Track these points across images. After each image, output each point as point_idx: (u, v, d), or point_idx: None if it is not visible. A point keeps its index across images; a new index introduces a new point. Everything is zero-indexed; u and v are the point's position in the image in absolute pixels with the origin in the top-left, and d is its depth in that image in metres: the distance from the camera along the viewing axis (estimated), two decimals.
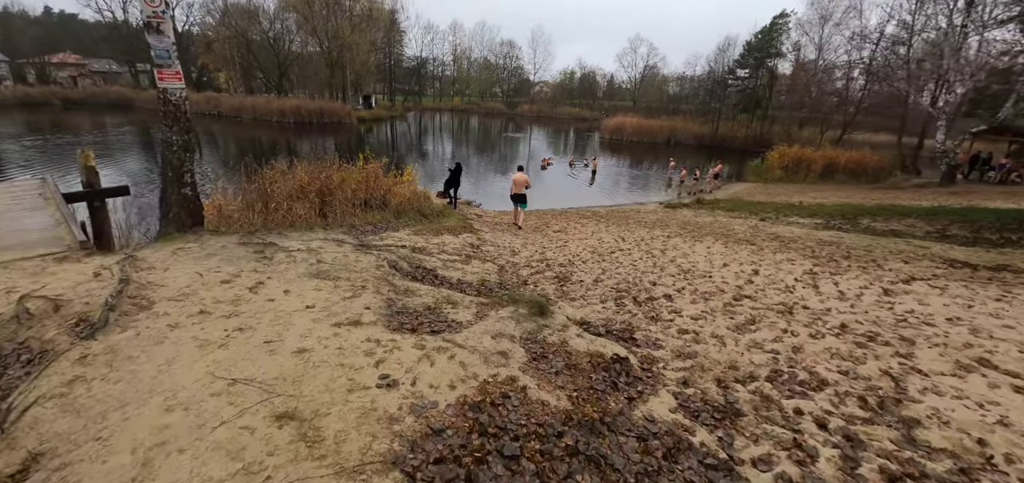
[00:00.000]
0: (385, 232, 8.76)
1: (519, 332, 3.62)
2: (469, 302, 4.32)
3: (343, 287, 4.24)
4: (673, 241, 10.20)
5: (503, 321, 3.73)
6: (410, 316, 3.76)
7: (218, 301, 3.65)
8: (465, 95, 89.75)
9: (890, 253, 9.20)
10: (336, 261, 5.08)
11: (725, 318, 5.26)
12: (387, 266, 5.24)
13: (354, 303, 3.81)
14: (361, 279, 4.55)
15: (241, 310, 3.50)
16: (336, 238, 6.90)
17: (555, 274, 6.89)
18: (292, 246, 5.61)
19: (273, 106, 44.36)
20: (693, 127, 50.10)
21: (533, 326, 3.77)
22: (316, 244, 5.93)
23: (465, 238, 9.15)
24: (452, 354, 2.98)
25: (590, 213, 15.96)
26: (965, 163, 23.49)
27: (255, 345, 2.92)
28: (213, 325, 3.22)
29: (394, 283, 4.61)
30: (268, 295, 3.87)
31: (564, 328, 3.93)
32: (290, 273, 4.50)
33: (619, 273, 7.18)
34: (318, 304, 3.73)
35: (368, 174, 11.61)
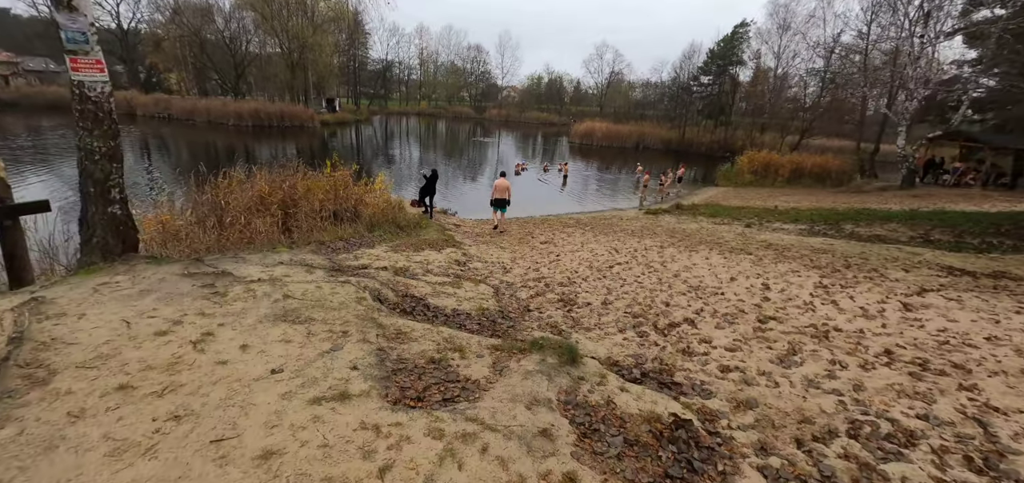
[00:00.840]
0: (359, 249, 7.77)
1: (553, 392, 2.84)
2: (478, 346, 3.50)
3: (319, 334, 3.32)
4: (668, 251, 9.67)
5: (532, 378, 2.93)
6: (411, 375, 2.91)
7: (148, 366, 2.68)
8: (432, 99, 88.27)
9: (886, 261, 8.99)
10: (307, 295, 4.14)
11: (762, 347, 4.66)
12: (370, 298, 4.33)
13: (336, 360, 2.92)
14: (341, 320, 3.64)
15: (181, 381, 2.55)
16: (304, 260, 5.90)
17: (558, 297, 6.14)
18: (251, 274, 4.61)
19: (230, 109, 41.76)
20: (661, 132, 50.84)
21: (567, 381, 3.00)
22: (281, 270, 4.94)
23: (449, 254, 8.27)
24: (483, 444, 2.16)
25: (572, 221, 15.36)
26: (921, 167, 24.47)
27: (198, 447, 2.00)
28: (137, 411, 2.26)
29: (382, 323, 3.72)
30: (219, 353, 2.91)
31: (601, 379, 3.17)
32: (249, 315, 3.54)
33: (626, 292, 6.51)
34: (289, 364, 2.81)
35: (336, 182, 10.54)
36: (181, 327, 3.23)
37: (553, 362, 3.19)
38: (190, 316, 3.43)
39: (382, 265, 6.54)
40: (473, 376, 2.98)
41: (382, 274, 5.77)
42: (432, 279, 6.16)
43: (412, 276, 6.13)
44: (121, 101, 45.03)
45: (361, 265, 6.44)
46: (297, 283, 4.41)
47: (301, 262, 5.75)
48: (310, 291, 4.23)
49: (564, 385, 2.94)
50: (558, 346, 3.36)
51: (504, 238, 11.41)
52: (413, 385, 2.75)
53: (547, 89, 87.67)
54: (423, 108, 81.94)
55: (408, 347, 3.34)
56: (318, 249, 7.26)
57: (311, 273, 5.01)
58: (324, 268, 5.62)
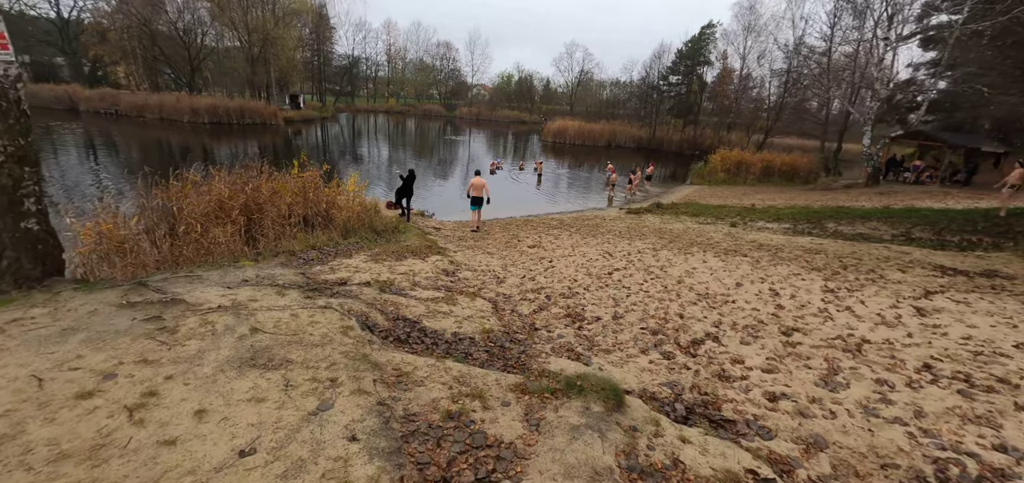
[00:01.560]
0: (335, 259, 6.97)
1: (611, 455, 2.24)
2: (498, 387, 2.87)
3: (301, 385, 2.61)
4: (663, 254, 9.28)
5: (581, 438, 2.33)
6: (426, 441, 2.25)
7: (62, 453, 1.92)
8: (401, 97, 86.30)
9: (880, 261, 8.90)
10: (281, 326, 3.39)
11: (799, 367, 4.23)
12: (358, 326, 3.62)
13: (327, 427, 2.22)
14: (326, 361, 2.93)
15: (108, 475, 1.81)
16: (273, 277, 5.09)
17: (564, 311, 5.57)
18: (210, 299, 3.81)
19: (184, 105, 39.13)
20: (632, 131, 51.25)
21: (621, 437, 2.42)
22: (246, 292, 4.14)
23: (435, 262, 7.57)
24: None
25: (555, 221, 14.86)
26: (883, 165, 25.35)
27: None
28: None
29: (376, 361, 3.04)
30: (166, 424, 2.17)
31: (656, 428, 2.61)
32: (207, 361, 2.78)
33: (635, 303, 6.01)
34: (263, 439, 2.10)
35: (305, 184, 9.65)
36: (114, 384, 2.45)
37: (599, 410, 2.60)
38: (127, 365, 2.64)
39: (364, 279, 5.79)
40: (505, 436, 2.35)
41: (366, 292, 5.04)
42: (423, 295, 5.46)
43: (400, 292, 5.41)
44: (62, 95, 41.66)
45: (340, 280, 5.67)
46: (267, 311, 3.64)
47: (270, 280, 4.94)
48: (284, 321, 3.47)
49: (619, 443, 2.35)
50: (599, 387, 2.77)
51: (489, 241, 10.77)
52: (434, 459, 2.09)
53: (517, 87, 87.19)
54: (392, 106, 79.90)
55: (415, 395, 2.67)
56: (288, 261, 6.42)
57: (283, 294, 4.23)
58: (298, 286, 4.83)
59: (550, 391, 2.81)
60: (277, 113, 43.64)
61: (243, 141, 32.90)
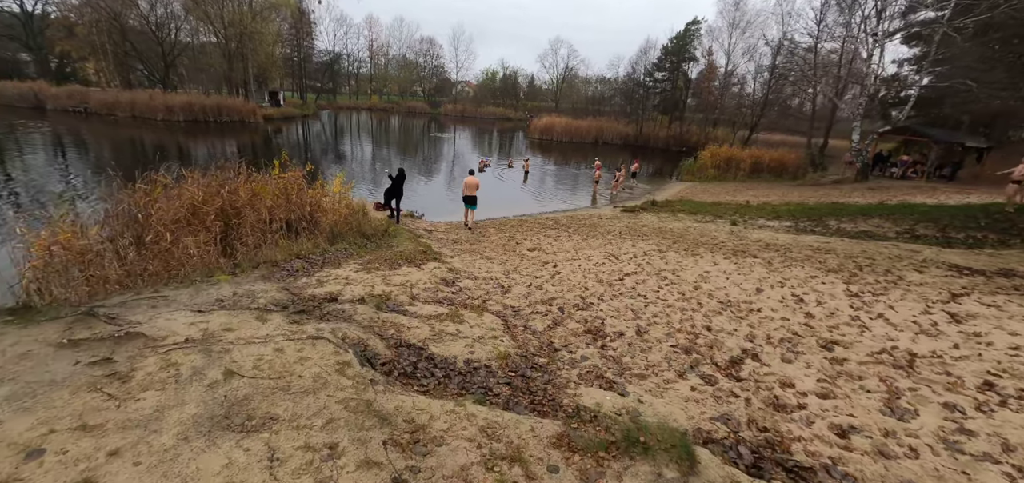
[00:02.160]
0: (322, 270, 6.31)
1: None
2: (537, 444, 2.33)
3: (291, 457, 2.02)
4: (671, 256, 8.83)
5: None
6: None
7: None
8: (384, 94, 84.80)
9: (893, 260, 8.60)
10: (263, 365, 2.78)
11: (855, 390, 3.78)
12: (356, 361, 3.03)
13: None
14: (321, 416, 2.34)
15: None
16: (253, 295, 4.44)
17: (581, 326, 5.04)
18: (175, 330, 3.17)
19: (158, 102, 37.40)
20: (619, 127, 51.10)
21: None
22: (220, 318, 3.51)
23: (433, 270, 6.97)
24: None
25: (550, 221, 14.34)
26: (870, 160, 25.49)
27: None
28: None
29: (383, 409, 2.46)
30: None
31: None
32: (167, 425, 2.17)
33: (656, 314, 5.52)
34: None
35: (287, 185, 8.93)
36: (38, 468, 1.83)
37: (672, 477, 2.07)
38: (61, 435, 2.02)
39: (357, 294, 5.17)
40: None
41: (360, 310, 4.43)
42: (424, 311, 4.87)
43: (399, 309, 4.81)
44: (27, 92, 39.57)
45: (329, 295, 5.04)
46: (246, 345, 3.02)
47: (249, 299, 4.30)
48: (267, 358, 2.86)
49: None
50: (664, 440, 2.25)
51: (486, 244, 10.19)
52: None
53: (502, 84, 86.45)
54: (374, 103, 78.33)
55: (437, 462, 2.10)
56: (270, 273, 5.75)
57: (265, 319, 3.60)
58: (281, 306, 4.20)
59: (603, 447, 2.27)
60: (256, 110, 42.17)
61: (221, 140, 31.61)
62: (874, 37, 21.76)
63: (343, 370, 2.84)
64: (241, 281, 5.19)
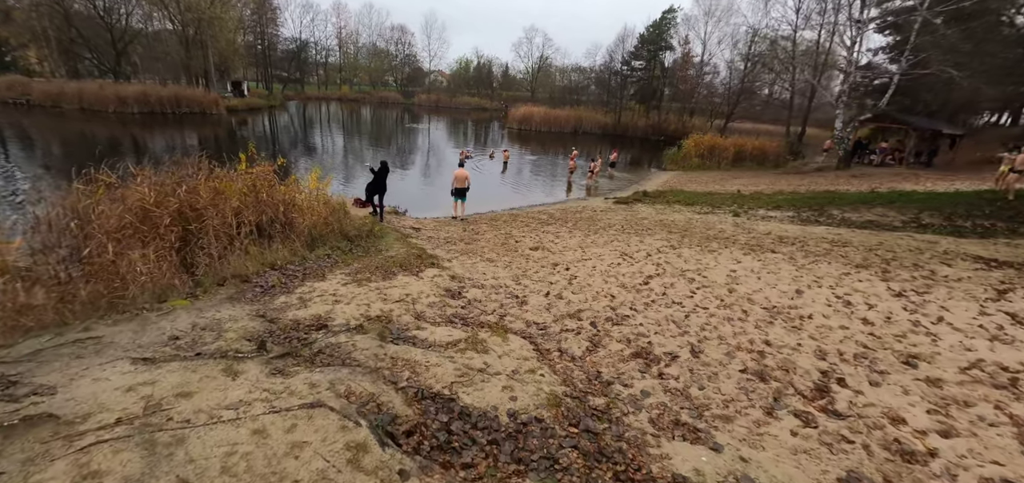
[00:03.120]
0: (304, 283, 5.30)
1: None
2: None
3: None
4: (686, 253, 8.15)
5: None
6: None
7: None
8: (354, 83, 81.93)
9: (916, 253, 8.18)
10: (236, 465, 1.84)
11: (978, 424, 3.12)
12: (373, 439, 2.13)
13: None
14: None
15: None
16: (219, 328, 3.44)
17: (624, 345, 4.25)
18: (103, 404, 2.18)
19: (108, 93, 34.51)
20: (598, 117, 50.66)
21: None
22: (173, 375, 2.52)
23: (432, 278, 6.04)
24: None
25: (544, 214, 13.51)
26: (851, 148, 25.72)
27: None
28: None
29: None
30: None
31: None
32: None
33: (703, 327, 4.78)
34: None
35: (256, 182, 7.81)
36: None
37: None
38: None
39: (351, 317, 4.21)
40: None
41: (360, 344, 3.49)
42: (437, 336, 3.97)
43: (406, 337, 3.89)
44: None
45: (316, 320, 4.07)
46: (210, 426, 2.06)
47: (212, 333, 3.30)
48: (242, 449, 1.92)
49: None
50: None
51: (482, 243, 9.28)
52: None
53: (476, 73, 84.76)
54: (345, 93, 75.52)
55: None
56: (240, 292, 4.72)
57: (236, 372, 2.64)
58: (258, 344, 3.22)
59: None
60: (218, 101, 39.64)
61: (180, 133, 29.40)
62: (858, 23, 21.72)
63: (358, 459, 1.94)
64: (203, 305, 4.16)
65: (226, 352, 2.93)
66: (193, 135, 28.79)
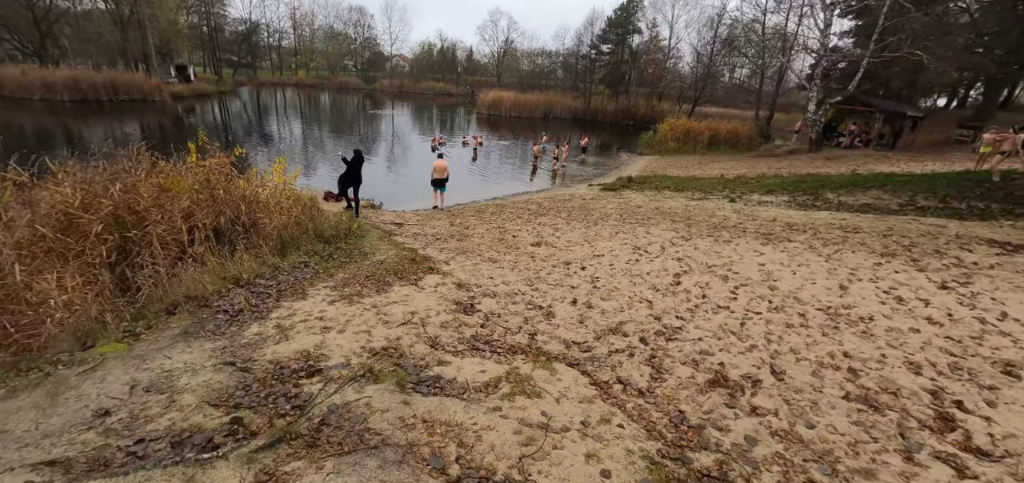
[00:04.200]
0: (279, 303, 4.25)
1: None
2: None
3: None
4: (703, 245, 7.52)
5: None
6: None
7: None
8: (311, 68, 77.90)
9: (927, 237, 7.90)
10: None
11: None
12: None
13: None
14: None
15: None
16: (171, 390, 2.42)
17: (692, 367, 3.49)
18: None
19: (33, 79, 30.86)
20: (568, 102, 50.07)
21: None
22: None
23: (435, 287, 5.10)
24: None
25: (533, 204, 12.66)
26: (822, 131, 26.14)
27: None
28: None
29: None
30: None
31: None
32: None
33: (766, 337, 4.09)
34: None
35: (210, 176, 6.60)
36: None
37: None
38: None
39: (351, 354, 3.25)
40: None
41: (376, 401, 2.55)
42: (467, 375, 3.08)
43: (429, 379, 2.98)
44: None
45: (304, 359, 3.09)
46: None
47: (161, 402, 2.29)
48: None
49: None
50: None
51: (474, 239, 8.34)
52: None
53: (440, 57, 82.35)
54: (301, 78, 71.68)
55: None
56: (197, 323, 3.64)
57: None
58: (227, 410, 2.24)
59: None
60: (161, 87, 36.38)
61: (119, 122, 26.62)
62: (830, 6, 21.83)
63: None
64: (148, 348, 3.09)
65: (183, 439, 1.94)
66: (134, 124, 26.14)
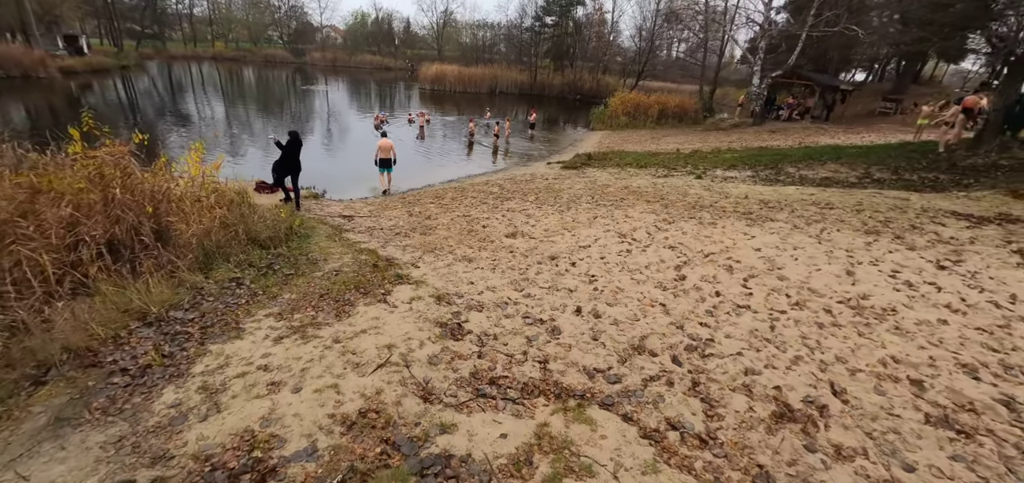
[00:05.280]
0: (207, 346, 3.18)
1: None
2: None
3: None
4: (688, 228, 7.05)
5: None
6: None
7: None
8: (231, 40, 70.80)
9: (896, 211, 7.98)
10: None
11: None
12: None
13: None
14: None
15: None
16: None
17: (752, 399, 2.87)
18: None
19: None
20: (514, 76, 48.86)
21: None
22: None
23: (409, 302, 4.18)
24: None
25: (493, 186, 11.73)
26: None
27: None
28: None
29: None
30: None
31: None
32: None
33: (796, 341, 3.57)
34: None
35: (104, 170, 5.21)
36: None
37: None
38: None
39: (322, 435, 2.31)
40: None
41: None
42: (481, 445, 2.26)
43: (433, 459, 2.13)
44: None
45: (247, 448, 2.13)
46: None
47: None
48: None
49: None
50: None
51: (439, 232, 7.37)
52: None
53: (375, 28, 77.71)
54: (220, 51, 64.87)
55: None
56: (80, 401, 2.52)
57: None
58: None
59: None
60: (46, 61, 31.12)
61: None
62: None
63: None
64: None
65: None
66: (16, 107, 22.02)
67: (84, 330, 3.13)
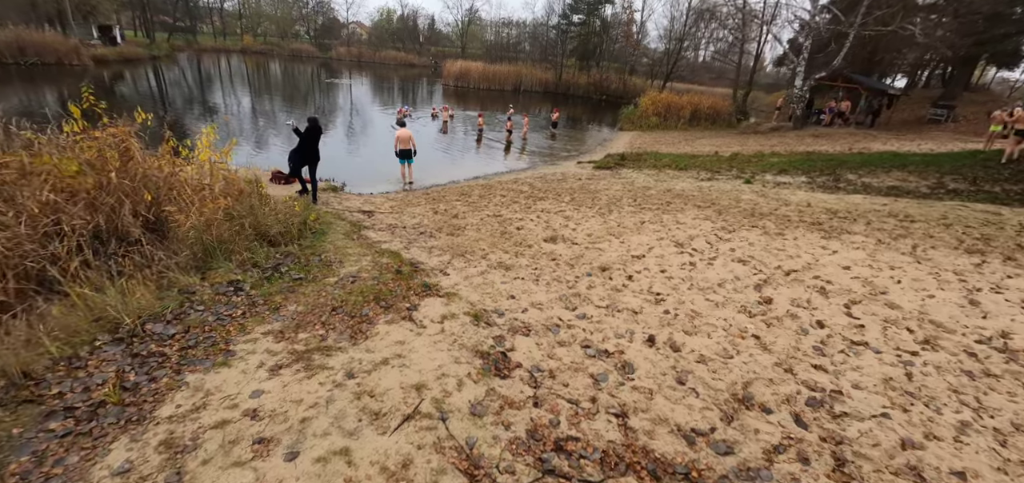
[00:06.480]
0: (183, 376, 2.46)
1: None
2: None
3: None
4: (755, 239, 6.12)
5: None
6: None
7: None
8: (259, 34, 71.69)
9: (991, 226, 6.86)
10: None
11: None
12: None
13: None
14: None
15: None
16: None
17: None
18: None
19: None
20: (539, 74, 47.95)
21: None
22: None
23: (440, 322, 3.42)
24: None
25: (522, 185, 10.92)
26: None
27: None
28: None
29: None
30: None
31: None
32: None
33: (942, 394, 2.68)
34: None
35: (102, 149, 4.63)
36: None
37: None
38: None
39: None
40: None
41: None
42: None
43: None
44: None
45: None
46: None
47: None
48: None
49: None
50: None
51: (469, 232, 6.61)
52: None
53: (400, 25, 77.84)
54: (248, 45, 65.63)
55: None
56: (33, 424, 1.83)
57: None
58: None
59: None
60: (80, 50, 31.58)
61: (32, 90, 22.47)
62: None
63: None
64: None
65: None
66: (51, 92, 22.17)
67: (34, 346, 2.45)
